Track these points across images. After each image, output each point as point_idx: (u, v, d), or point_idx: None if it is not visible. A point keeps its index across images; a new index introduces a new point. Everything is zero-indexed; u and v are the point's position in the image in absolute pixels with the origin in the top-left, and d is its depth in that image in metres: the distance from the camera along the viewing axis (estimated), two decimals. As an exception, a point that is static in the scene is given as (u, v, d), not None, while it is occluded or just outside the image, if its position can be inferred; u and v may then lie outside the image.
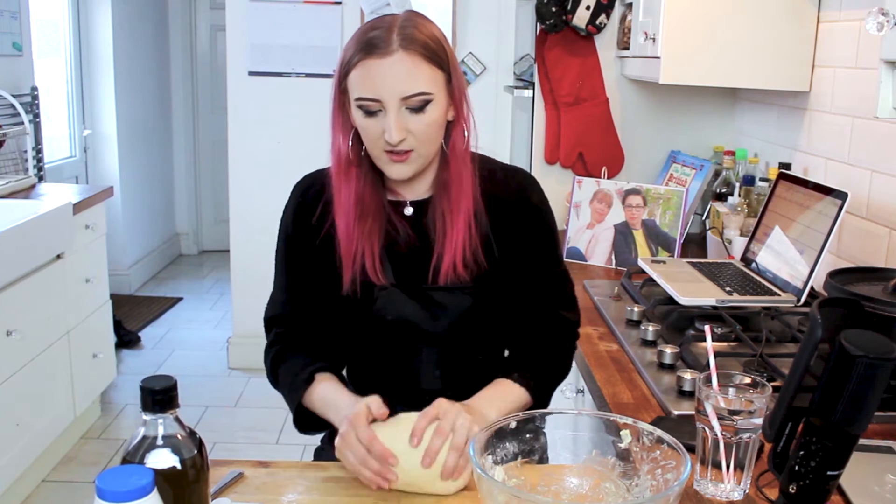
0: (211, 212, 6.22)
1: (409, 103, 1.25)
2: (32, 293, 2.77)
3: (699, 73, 2.29)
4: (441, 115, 1.29)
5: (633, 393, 1.49)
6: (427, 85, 1.26)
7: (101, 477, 0.76)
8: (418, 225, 1.38)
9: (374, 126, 1.27)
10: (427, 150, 1.31)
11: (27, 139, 3.49)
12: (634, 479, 1.00)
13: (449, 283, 1.35)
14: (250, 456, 2.18)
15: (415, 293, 1.36)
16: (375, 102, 1.25)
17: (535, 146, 2.91)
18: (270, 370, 1.44)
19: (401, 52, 1.24)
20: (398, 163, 1.29)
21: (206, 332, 4.59)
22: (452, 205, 1.34)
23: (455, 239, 1.33)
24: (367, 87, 1.25)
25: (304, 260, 1.41)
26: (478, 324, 1.39)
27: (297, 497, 1.16)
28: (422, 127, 1.27)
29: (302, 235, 1.41)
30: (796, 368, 1.02)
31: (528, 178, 1.46)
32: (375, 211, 1.36)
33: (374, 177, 1.36)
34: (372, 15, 3.67)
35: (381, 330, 1.38)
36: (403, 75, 1.24)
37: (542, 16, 2.73)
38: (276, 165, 3.84)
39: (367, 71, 1.25)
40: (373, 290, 1.35)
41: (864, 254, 1.93)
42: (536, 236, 1.42)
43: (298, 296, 1.43)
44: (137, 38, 5.29)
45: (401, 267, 1.37)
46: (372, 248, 1.34)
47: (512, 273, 1.40)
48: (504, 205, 1.39)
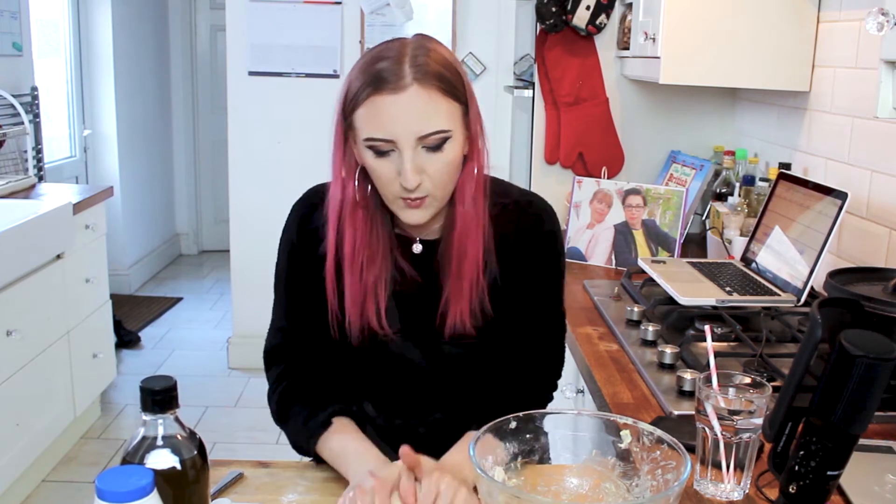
0: (211, 212, 6.22)
1: (427, 142, 1.14)
2: (32, 293, 2.77)
3: (699, 73, 2.29)
4: (459, 152, 1.19)
5: (633, 393, 1.49)
6: (445, 122, 1.15)
7: (101, 477, 0.76)
8: (426, 266, 1.29)
9: (387, 168, 1.16)
10: (444, 193, 1.21)
11: (27, 139, 3.49)
12: (634, 479, 1.00)
13: (456, 334, 1.28)
14: (250, 456, 2.18)
15: (420, 343, 1.31)
16: (388, 143, 1.14)
17: (535, 146, 2.91)
18: (278, 412, 1.34)
19: (415, 86, 1.12)
20: (414, 209, 1.19)
21: (206, 332, 4.59)
22: (463, 246, 1.24)
23: (462, 287, 1.25)
24: (379, 126, 1.14)
25: (309, 286, 1.32)
26: (482, 368, 1.34)
27: (297, 497, 1.16)
28: (439, 167, 1.16)
29: (307, 260, 1.32)
30: (796, 368, 1.02)
31: (541, 209, 1.34)
32: (383, 253, 1.27)
33: (381, 214, 1.26)
34: (372, 15, 3.67)
35: (383, 366, 1.33)
36: (419, 112, 1.13)
37: (542, 16, 2.73)
38: (276, 165, 3.84)
39: (377, 108, 1.13)
40: (377, 335, 1.29)
41: (864, 254, 1.93)
42: (541, 272, 1.33)
43: (301, 322, 1.34)
44: (137, 38, 5.29)
45: (407, 312, 1.30)
46: (377, 298, 1.26)
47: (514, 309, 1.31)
48: (514, 240, 1.30)
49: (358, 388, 1.38)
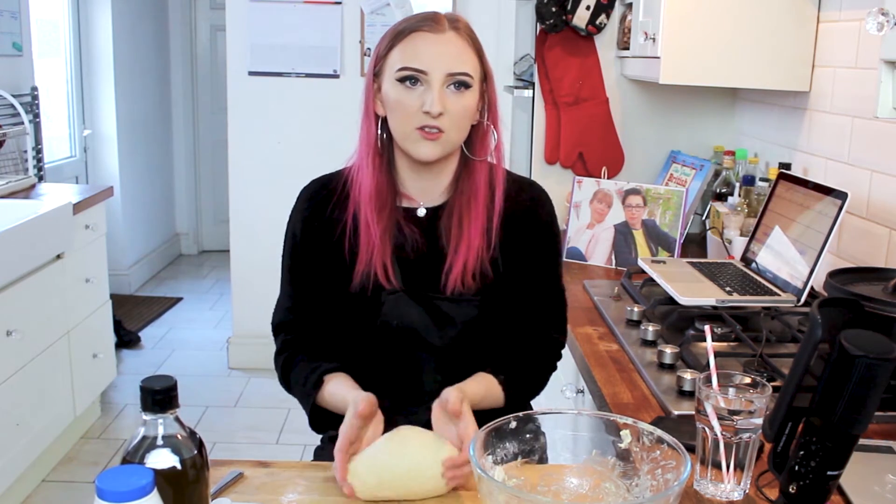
0: (211, 212, 6.22)
1: (453, 80, 1.28)
2: (32, 293, 2.77)
3: (699, 73, 2.29)
4: (475, 103, 1.33)
5: (633, 393, 1.49)
6: (471, 68, 1.30)
7: (101, 477, 0.76)
8: (429, 231, 1.38)
9: (412, 99, 1.28)
10: (456, 136, 1.32)
11: (27, 139, 3.49)
12: (634, 479, 1.00)
13: (455, 293, 1.35)
14: (250, 456, 2.18)
15: (422, 300, 1.36)
16: (421, 73, 1.27)
17: (535, 146, 2.91)
18: (282, 375, 1.45)
19: (452, 32, 1.30)
20: (429, 140, 1.29)
21: (206, 332, 4.59)
22: (468, 212, 1.35)
23: (469, 246, 1.34)
24: (415, 57, 1.28)
25: (311, 265, 1.41)
26: (481, 334, 1.39)
27: (297, 497, 1.16)
28: (458, 108, 1.29)
29: (310, 240, 1.41)
30: (796, 368, 1.02)
31: (540, 193, 1.45)
32: (390, 208, 1.36)
33: (391, 175, 1.38)
34: (372, 15, 3.67)
35: (385, 336, 1.37)
36: (454, 52, 1.29)
37: (542, 16, 2.73)
38: (276, 165, 3.84)
39: (416, 43, 1.28)
40: (381, 292, 1.35)
41: (864, 254, 1.93)
42: (541, 252, 1.42)
43: (304, 303, 1.44)
44: (137, 38, 5.29)
45: (409, 273, 1.37)
46: (384, 249, 1.34)
47: (514, 287, 1.40)
48: (514, 220, 1.40)
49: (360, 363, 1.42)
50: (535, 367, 1.44)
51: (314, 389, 1.35)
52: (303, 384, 1.38)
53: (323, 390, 1.35)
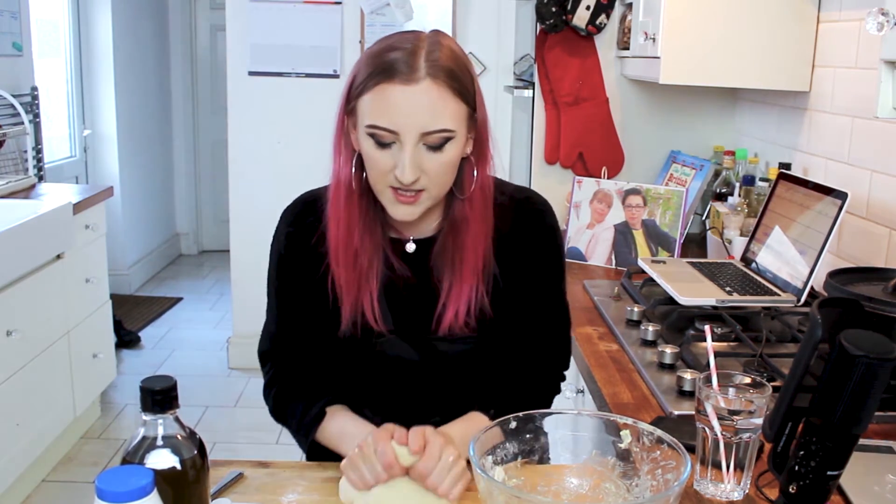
0: (211, 212, 6.22)
1: (429, 140, 1.13)
2: (32, 293, 2.77)
3: (699, 73, 2.29)
4: (459, 154, 1.18)
5: (633, 393, 1.49)
6: (451, 122, 1.14)
7: (101, 477, 0.76)
8: (420, 265, 1.28)
9: (385, 159, 1.15)
10: (438, 192, 1.20)
11: (27, 139, 3.49)
12: (634, 479, 1.00)
13: (451, 334, 1.27)
14: (250, 456, 2.18)
15: (415, 341, 1.30)
16: (391, 134, 1.13)
17: (535, 146, 2.91)
18: (274, 409, 1.37)
19: (428, 81, 1.11)
20: (405, 204, 1.18)
21: (206, 332, 4.59)
22: (462, 251, 1.24)
23: (462, 288, 1.24)
24: (384, 115, 1.12)
25: (299, 291, 1.32)
26: (479, 366, 1.33)
27: (297, 497, 1.16)
28: (437, 167, 1.15)
29: (297, 265, 1.31)
30: (796, 368, 1.02)
31: (540, 205, 1.34)
32: (374, 248, 1.25)
33: (374, 210, 1.25)
34: (372, 15, 3.67)
35: (378, 367, 1.32)
36: (428, 108, 1.11)
37: (542, 16, 2.73)
38: (276, 165, 3.84)
39: (385, 96, 1.12)
40: (372, 333, 1.27)
41: (864, 254, 1.93)
42: (543, 267, 1.33)
43: (292, 329, 1.35)
44: (137, 38, 5.29)
45: (400, 311, 1.29)
46: (371, 291, 1.25)
47: (517, 310, 1.31)
48: (513, 237, 1.30)
49: (353, 391, 1.37)
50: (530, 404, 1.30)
51: (316, 423, 1.29)
52: (300, 418, 1.30)
53: (326, 426, 1.29)
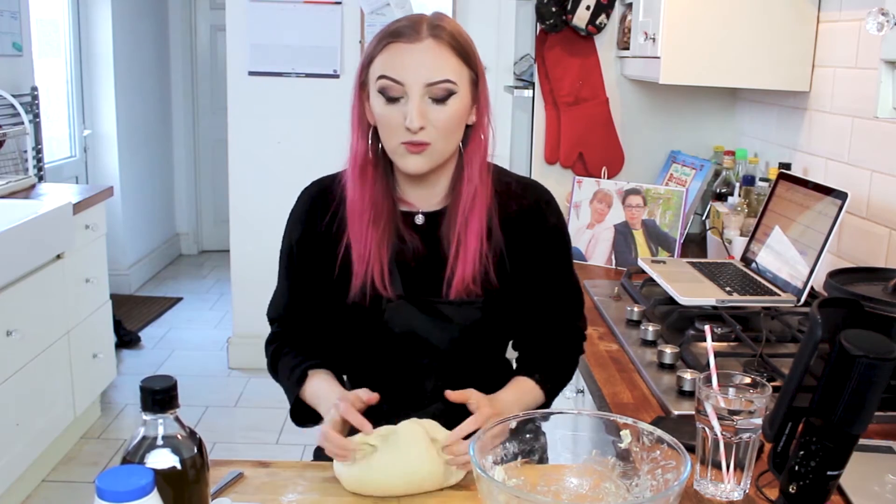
0: (211, 212, 6.22)
1: (433, 91, 1.24)
2: (32, 293, 2.77)
3: (699, 73, 2.29)
4: (463, 110, 1.28)
5: (633, 393, 1.49)
6: (453, 74, 1.25)
7: (101, 477, 0.76)
8: (429, 236, 1.35)
9: (395, 113, 1.25)
10: (444, 146, 1.28)
11: (27, 139, 3.49)
12: (634, 479, 1.00)
13: (459, 298, 1.33)
14: (250, 456, 2.17)
15: (424, 306, 1.35)
16: (398, 85, 1.24)
17: (535, 146, 2.92)
18: (270, 363, 1.47)
19: (430, 40, 1.24)
20: (414, 154, 1.26)
21: (206, 332, 4.59)
22: (467, 217, 1.32)
23: (468, 253, 1.31)
24: (392, 67, 1.24)
25: (310, 267, 1.40)
26: (483, 336, 1.39)
27: (297, 497, 1.16)
28: (442, 118, 1.25)
29: (309, 242, 1.39)
30: (796, 368, 1.02)
31: (544, 193, 1.42)
32: (387, 217, 1.33)
33: (387, 182, 1.35)
34: (372, 15, 3.67)
35: (386, 340, 1.36)
36: (430, 61, 1.23)
37: (542, 16, 2.73)
38: (276, 165, 3.84)
39: (393, 53, 1.24)
40: (381, 300, 1.34)
41: (864, 254, 1.93)
42: (552, 254, 1.40)
43: (301, 302, 1.43)
44: (137, 38, 5.29)
45: (409, 280, 1.35)
46: (381, 258, 1.32)
47: (525, 289, 1.38)
48: (519, 221, 1.37)
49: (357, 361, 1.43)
50: (564, 358, 1.44)
51: (297, 385, 1.37)
52: (288, 377, 1.40)
53: (306, 387, 1.37)
